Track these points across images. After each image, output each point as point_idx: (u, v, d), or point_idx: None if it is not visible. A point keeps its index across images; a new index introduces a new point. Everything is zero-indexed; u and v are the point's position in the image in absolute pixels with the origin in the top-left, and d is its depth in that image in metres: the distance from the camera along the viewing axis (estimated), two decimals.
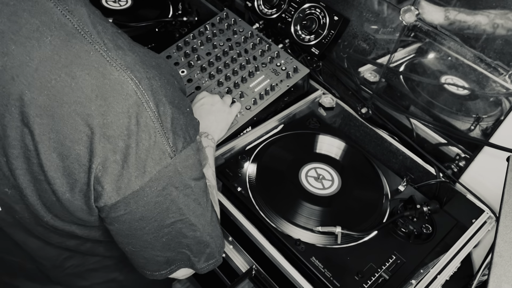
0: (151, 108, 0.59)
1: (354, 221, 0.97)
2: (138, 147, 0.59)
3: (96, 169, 0.58)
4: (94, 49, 0.57)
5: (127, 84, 0.57)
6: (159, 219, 0.66)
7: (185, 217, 0.68)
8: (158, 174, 0.61)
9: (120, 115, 0.57)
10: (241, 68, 1.22)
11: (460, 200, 1.06)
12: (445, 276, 0.91)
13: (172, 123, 0.61)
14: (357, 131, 1.25)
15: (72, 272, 0.82)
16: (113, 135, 0.57)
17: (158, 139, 0.60)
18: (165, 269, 0.74)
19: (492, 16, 0.92)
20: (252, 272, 0.97)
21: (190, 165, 0.66)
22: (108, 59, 0.57)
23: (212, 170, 0.91)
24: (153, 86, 0.60)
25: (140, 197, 0.61)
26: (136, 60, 0.60)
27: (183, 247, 0.72)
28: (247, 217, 0.96)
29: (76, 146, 0.57)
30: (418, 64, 1.11)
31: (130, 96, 0.57)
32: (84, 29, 0.58)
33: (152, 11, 1.43)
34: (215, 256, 0.77)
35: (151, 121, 0.59)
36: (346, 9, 1.20)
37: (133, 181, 0.59)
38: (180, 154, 0.63)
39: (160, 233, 0.68)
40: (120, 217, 0.63)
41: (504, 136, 0.99)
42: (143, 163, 0.59)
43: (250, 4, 1.38)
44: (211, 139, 0.96)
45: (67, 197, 0.61)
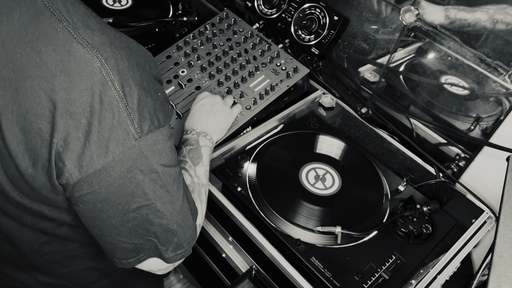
0: (116, 88, 0.59)
1: (354, 221, 0.97)
2: (101, 125, 0.59)
3: (57, 144, 0.58)
4: (62, 26, 0.58)
5: (92, 62, 0.58)
6: (123, 202, 0.65)
7: (150, 202, 0.67)
8: (122, 155, 0.61)
9: (84, 92, 0.58)
10: (241, 68, 1.22)
11: (460, 200, 1.06)
12: (445, 276, 0.91)
13: (139, 104, 0.61)
14: (357, 131, 1.25)
15: (51, 258, 0.82)
16: (76, 111, 0.58)
17: (122, 119, 0.60)
18: (133, 257, 0.74)
19: (491, 12, 0.92)
20: (252, 272, 0.97)
21: (159, 150, 0.66)
22: (75, 37, 0.58)
23: (205, 169, 0.90)
24: (120, 66, 0.60)
25: (102, 177, 0.61)
26: (105, 40, 0.60)
27: (150, 234, 0.71)
28: (247, 217, 0.96)
29: (38, 120, 0.58)
30: (418, 64, 1.11)
31: (95, 74, 0.58)
32: (53, 6, 0.59)
33: (152, 11, 1.43)
34: (183, 246, 0.76)
35: (115, 100, 0.59)
36: (346, 9, 1.20)
37: (95, 159, 0.60)
38: (146, 136, 0.63)
39: (125, 217, 0.67)
40: (83, 197, 0.63)
41: (504, 136, 0.99)
42: (106, 142, 0.60)
43: (250, 4, 1.38)
44: (209, 139, 0.96)
45: (30, 172, 0.62)
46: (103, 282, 0.93)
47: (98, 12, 1.49)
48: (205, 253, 1.21)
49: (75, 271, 0.87)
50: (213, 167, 1.04)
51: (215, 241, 1.07)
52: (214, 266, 1.20)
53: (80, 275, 0.88)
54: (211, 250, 1.14)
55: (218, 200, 0.98)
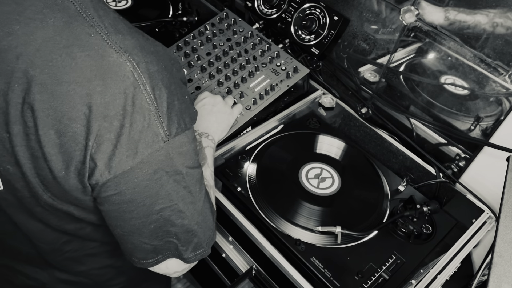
0: (147, 91, 0.60)
1: (354, 221, 0.97)
2: (132, 128, 0.60)
3: (91, 147, 0.60)
4: (95, 32, 0.60)
5: (125, 66, 0.59)
6: (148, 203, 0.66)
7: (173, 203, 0.69)
8: (150, 157, 0.62)
9: (117, 96, 0.59)
10: (241, 68, 1.22)
11: (460, 200, 1.06)
12: (445, 276, 0.91)
13: (168, 107, 0.63)
14: (357, 131, 1.25)
15: (71, 256, 0.83)
16: (109, 114, 0.59)
17: (152, 121, 0.61)
18: (152, 258, 0.75)
19: (491, 15, 0.92)
20: (252, 272, 0.97)
21: (184, 152, 0.67)
22: (108, 42, 0.60)
23: (210, 170, 0.91)
24: (150, 70, 0.61)
25: (130, 178, 0.63)
26: (135, 44, 0.62)
27: (171, 236, 0.72)
28: (247, 217, 0.96)
29: (73, 124, 0.59)
30: (418, 64, 1.11)
31: (127, 78, 0.59)
32: (86, 12, 0.61)
33: (152, 11, 1.43)
34: (202, 246, 0.77)
35: (146, 103, 0.60)
36: (346, 9, 1.20)
37: (124, 160, 0.61)
38: (173, 139, 0.64)
39: (148, 219, 0.68)
40: (110, 198, 0.64)
41: (504, 136, 0.99)
42: (136, 144, 0.61)
43: (250, 4, 1.38)
44: (211, 139, 0.97)
45: (63, 174, 0.62)
46: (119, 280, 0.94)
47: None
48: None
49: (93, 269, 0.88)
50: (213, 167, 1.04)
51: (215, 241, 1.07)
52: (214, 266, 1.20)
53: (98, 272, 0.89)
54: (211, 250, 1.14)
55: (218, 200, 0.98)
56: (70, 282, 0.89)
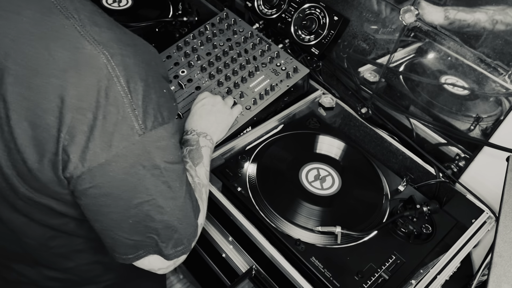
0: (121, 83, 0.60)
1: (354, 221, 0.97)
2: (106, 120, 0.60)
3: (63, 139, 0.60)
4: (69, 24, 0.60)
5: (99, 58, 0.60)
6: (125, 197, 0.66)
7: (152, 198, 0.68)
8: (125, 150, 0.62)
9: (90, 87, 0.59)
10: (241, 68, 1.22)
11: (460, 200, 1.06)
12: (445, 276, 0.91)
13: (143, 100, 0.62)
14: (357, 131, 1.25)
15: (58, 252, 0.83)
16: (82, 106, 0.59)
17: (126, 114, 0.61)
18: (133, 253, 0.74)
19: (490, 13, 0.92)
20: (252, 272, 0.97)
21: (162, 147, 0.66)
22: (82, 33, 0.60)
23: (205, 169, 0.91)
24: (126, 62, 0.61)
25: (105, 171, 0.62)
26: (111, 37, 0.62)
27: (151, 231, 0.72)
28: (247, 217, 0.96)
29: (46, 116, 0.59)
30: (418, 64, 1.11)
31: (101, 70, 0.59)
32: (61, 4, 0.61)
33: (152, 11, 1.43)
34: (183, 242, 0.76)
35: (120, 96, 0.60)
36: (346, 9, 1.20)
37: (99, 153, 0.61)
38: (150, 132, 0.64)
39: (127, 213, 0.68)
40: (86, 191, 0.64)
41: (504, 136, 0.99)
42: (110, 136, 0.61)
43: (250, 4, 1.38)
44: (209, 139, 0.96)
45: (37, 166, 0.63)
46: (108, 276, 0.94)
47: None
48: (205, 253, 1.21)
49: (80, 265, 0.88)
50: (213, 167, 1.04)
51: (215, 241, 1.07)
52: (214, 266, 1.20)
53: (85, 268, 0.89)
54: (211, 250, 1.14)
55: (218, 200, 0.98)
56: (58, 279, 0.89)
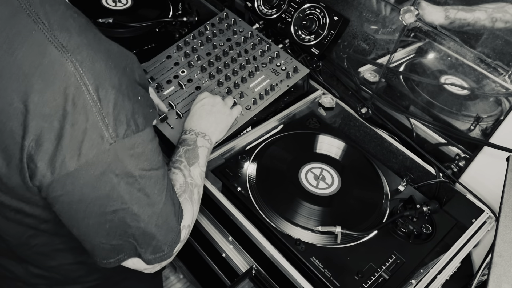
0: (90, 91, 0.59)
1: (354, 221, 0.97)
2: (74, 129, 0.59)
3: (29, 147, 0.58)
4: (37, 28, 0.58)
5: (66, 65, 0.58)
6: (98, 204, 0.65)
7: (127, 206, 0.67)
8: (95, 158, 0.61)
9: (57, 95, 0.58)
10: (241, 68, 1.22)
11: (460, 200, 1.06)
12: (445, 276, 0.91)
13: (114, 108, 0.61)
14: (357, 131, 1.25)
15: (39, 250, 0.82)
16: (48, 113, 0.58)
17: (96, 122, 0.60)
18: (113, 257, 0.73)
19: (490, 11, 0.92)
20: (252, 272, 0.97)
21: (137, 154, 0.65)
22: (50, 40, 0.58)
23: (200, 169, 0.90)
24: (96, 69, 0.60)
25: (76, 179, 0.61)
26: (81, 43, 0.60)
27: (129, 236, 0.71)
28: (247, 217, 0.96)
29: (10, 122, 0.58)
30: (418, 64, 1.11)
31: (68, 78, 0.58)
32: (30, 8, 0.59)
33: (152, 11, 1.43)
34: (162, 249, 0.75)
35: (88, 104, 0.59)
36: (346, 9, 1.20)
37: (67, 162, 0.60)
38: (122, 141, 0.62)
39: (102, 219, 0.67)
40: (58, 198, 0.63)
41: (504, 136, 0.99)
42: (79, 145, 0.59)
43: (250, 4, 1.38)
44: (207, 139, 0.96)
45: (4, 172, 0.62)
46: (93, 277, 0.93)
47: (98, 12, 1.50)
48: (205, 253, 1.21)
49: (63, 264, 0.87)
50: (213, 167, 1.04)
51: (215, 241, 1.07)
52: (214, 266, 1.20)
53: (69, 268, 0.88)
54: (211, 250, 1.14)
55: (218, 200, 0.98)
56: (43, 276, 0.88)
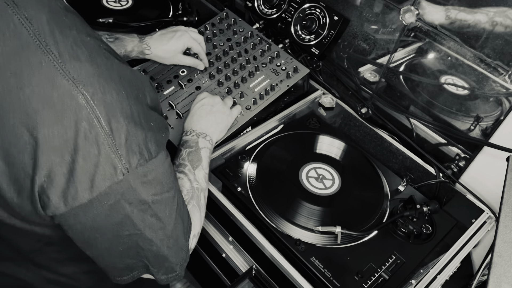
0: (102, 124, 0.58)
1: (354, 221, 0.97)
2: (86, 162, 0.58)
3: (40, 180, 0.57)
4: (47, 60, 0.56)
5: (77, 99, 0.57)
6: (112, 230, 0.65)
7: (140, 232, 0.67)
8: (109, 189, 0.60)
9: (68, 129, 0.56)
10: (241, 68, 1.22)
11: (460, 200, 1.06)
12: (445, 276, 0.91)
13: (127, 139, 0.60)
14: (357, 131, 1.25)
15: (54, 257, 0.82)
16: (59, 148, 0.57)
17: (109, 155, 0.59)
18: (127, 275, 0.74)
19: (491, 14, 0.92)
20: (252, 272, 0.97)
21: (149, 181, 0.64)
22: (60, 71, 0.56)
23: (204, 172, 0.90)
24: (108, 101, 0.58)
25: (88, 209, 0.61)
26: (93, 73, 0.58)
27: (142, 257, 0.71)
28: (247, 217, 0.96)
29: (20, 155, 0.57)
30: (418, 64, 1.11)
31: (79, 111, 0.57)
32: (40, 38, 0.57)
33: (152, 11, 1.43)
34: (175, 270, 0.75)
35: (101, 137, 0.58)
36: (346, 9, 1.20)
37: (80, 194, 0.59)
38: (135, 170, 0.61)
39: (115, 242, 0.67)
40: (71, 226, 0.63)
41: (504, 136, 0.99)
42: (91, 177, 0.59)
43: (250, 4, 1.38)
44: (209, 140, 0.96)
45: (16, 202, 0.61)
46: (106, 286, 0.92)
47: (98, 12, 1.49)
48: (205, 253, 1.21)
49: (77, 273, 0.87)
50: (213, 167, 1.04)
51: (215, 241, 1.07)
52: (214, 266, 1.20)
53: (83, 277, 0.88)
54: (211, 250, 1.14)
55: (218, 200, 0.98)
56: (58, 282, 0.87)
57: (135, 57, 1.13)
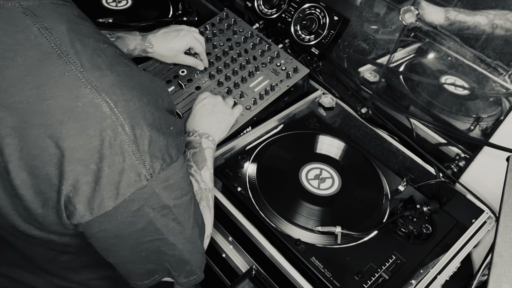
0: (126, 132, 0.58)
1: (354, 221, 0.97)
2: (111, 170, 0.58)
3: (66, 190, 0.57)
4: (70, 70, 0.56)
5: (101, 107, 0.56)
6: (135, 237, 0.65)
7: (163, 237, 0.68)
8: (133, 196, 0.61)
9: (93, 138, 0.56)
10: (241, 68, 1.22)
11: (460, 200, 1.06)
12: (445, 276, 0.91)
13: (150, 145, 0.60)
14: (357, 131, 1.25)
15: (66, 266, 0.82)
16: (84, 158, 0.57)
17: (133, 162, 0.59)
18: (148, 279, 0.74)
19: (491, 17, 0.92)
20: (252, 272, 0.97)
21: (170, 185, 0.65)
22: (83, 81, 0.56)
23: (210, 172, 0.90)
24: (130, 108, 0.59)
25: (113, 217, 0.61)
26: (114, 81, 0.58)
27: (163, 261, 0.72)
28: (247, 217, 0.96)
29: (45, 167, 0.57)
30: (418, 64, 1.11)
31: (104, 120, 0.57)
32: (61, 48, 0.56)
33: (152, 11, 1.43)
34: (196, 273, 0.76)
35: (125, 144, 0.58)
36: (346, 9, 1.20)
37: (106, 202, 0.59)
38: (158, 175, 0.62)
39: (138, 248, 0.68)
40: (95, 234, 0.63)
41: (504, 136, 0.99)
42: (116, 185, 0.59)
43: (250, 4, 1.38)
44: (211, 140, 0.96)
45: (40, 212, 0.61)
46: None
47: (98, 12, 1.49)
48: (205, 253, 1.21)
49: (90, 279, 0.87)
50: (213, 167, 1.04)
51: (215, 241, 1.07)
52: (214, 266, 1.20)
53: (96, 283, 0.88)
54: (211, 250, 1.14)
55: (218, 200, 0.98)
56: None
57: (137, 56, 1.13)
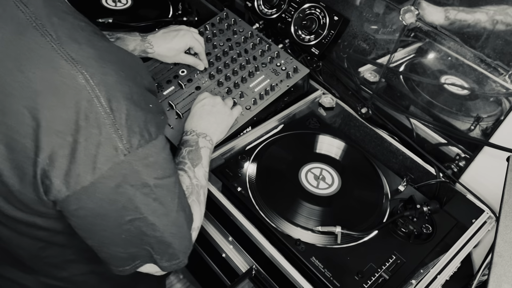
0: (102, 104, 0.58)
1: (354, 221, 0.97)
2: (87, 142, 0.58)
3: (42, 163, 0.58)
4: (46, 42, 0.57)
5: (77, 78, 0.57)
6: (115, 216, 0.65)
7: (143, 216, 0.67)
8: (111, 171, 0.60)
9: (69, 110, 0.57)
10: (241, 68, 1.22)
11: (460, 200, 1.06)
12: (445, 276, 0.91)
13: (127, 119, 0.60)
14: (357, 131, 1.25)
15: (50, 262, 0.82)
16: (60, 129, 0.57)
17: (109, 135, 0.59)
18: (129, 265, 0.74)
19: (491, 13, 0.92)
20: (252, 272, 0.97)
21: (151, 163, 0.64)
22: (59, 53, 0.57)
23: (204, 170, 0.90)
24: (107, 81, 0.59)
25: (91, 192, 0.61)
26: (92, 54, 0.59)
27: (145, 244, 0.71)
28: (247, 217, 0.96)
29: (22, 139, 0.57)
30: (418, 64, 1.11)
31: (80, 91, 0.57)
32: (36, 21, 0.58)
33: (152, 11, 1.43)
34: (178, 257, 0.75)
35: (101, 117, 0.58)
36: (346, 9, 1.20)
37: (83, 176, 0.59)
38: (136, 151, 0.61)
39: (118, 230, 0.67)
40: (74, 212, 0.63)
41: (504, 136, 0.99)
42: (93, 158, 0.59)
43: (250, 4, 1.38)
44: (209, 140, 0.96)
45: (18, 188, 0.61)
46: (105, 286, 0.93)
47: (98, 12, 1.49)
48: (205, 253, 1.21)
49: (75, 275, 0.87)
50: (213, 167, 1.04)
51: (215, 241, 1.07)
52: (214, 266, 1.20)
53: (80, 279, 0.88)
54: (211, 250, 1.14)
55: (218, 200, 0.98)
56: (56, 286, 0.88)
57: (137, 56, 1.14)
